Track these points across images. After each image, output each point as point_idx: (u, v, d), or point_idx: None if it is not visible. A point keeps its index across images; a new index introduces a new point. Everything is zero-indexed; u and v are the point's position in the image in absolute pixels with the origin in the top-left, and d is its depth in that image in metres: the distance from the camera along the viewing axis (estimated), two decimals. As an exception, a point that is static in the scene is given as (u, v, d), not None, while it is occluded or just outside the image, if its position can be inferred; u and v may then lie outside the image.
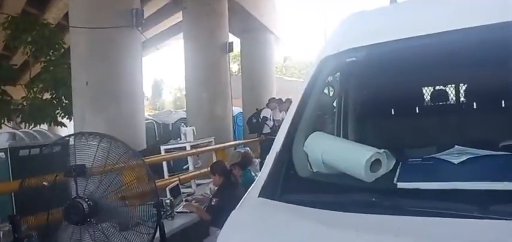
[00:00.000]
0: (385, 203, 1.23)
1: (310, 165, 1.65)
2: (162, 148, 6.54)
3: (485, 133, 1.83)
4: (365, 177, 1.43)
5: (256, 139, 8.57)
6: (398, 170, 1.43)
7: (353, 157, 1.47)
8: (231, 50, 10.61)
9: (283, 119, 8.22)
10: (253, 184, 1.61)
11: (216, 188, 4.44)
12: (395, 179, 1.34)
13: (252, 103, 12.04)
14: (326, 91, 2.13)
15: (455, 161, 1.37)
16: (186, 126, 6.96)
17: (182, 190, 4.84)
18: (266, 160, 1.71)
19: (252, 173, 4.87)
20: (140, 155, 2.85)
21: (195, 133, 6.56)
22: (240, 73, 14.99)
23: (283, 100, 9.37)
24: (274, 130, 8.50)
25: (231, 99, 10.40)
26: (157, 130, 10.69)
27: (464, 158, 1.37)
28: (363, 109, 2.25)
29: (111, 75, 6.45)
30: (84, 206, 2.58)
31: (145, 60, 14.64)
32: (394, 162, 1.48)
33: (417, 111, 2.38)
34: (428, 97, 2.55)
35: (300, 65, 38.47)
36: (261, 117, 8.50)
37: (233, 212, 1.49)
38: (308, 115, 1.78)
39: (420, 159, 1.50)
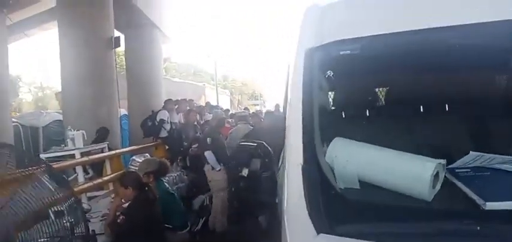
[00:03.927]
0: (492, 233, 0.97)
1: (336, 180, 1.32)
2: (43, 156, 5.31)
3: (489, 137, 1.73)
4: (427, 195, 1.17)
5: (153, 143, 7.76)
6: (460, 184, 1.20)
7: (412, 170, 1.19)
8: (117, 45, 9.48)
9: (180, 121, 7.53)
10: (285, 214, 1.20)
11: (124, 203, 3.73)
12: (475, 198, 1.11)
13: (139, 104, 11.09)
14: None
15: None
16: (74, 130, 5.78)
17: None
18: (287, 176, 1.32)
19: (166, 184, 4.25)
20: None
21: (86, 138, 5.51)
22: (124, 72, 13.69)
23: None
24: (172, 133, 7.86)
25: (118, 100, 9.28)
26: (24, 134, 8.82)
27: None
28: (357, 108, 1.96)
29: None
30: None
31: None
32: (444, 173, 1.26)
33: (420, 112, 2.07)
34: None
35: (181, 67, 37.64)
36: (158, 120, 7.72)
37: None
38: (317, 118, 1.46)
39: (468, 169, 1.30)
